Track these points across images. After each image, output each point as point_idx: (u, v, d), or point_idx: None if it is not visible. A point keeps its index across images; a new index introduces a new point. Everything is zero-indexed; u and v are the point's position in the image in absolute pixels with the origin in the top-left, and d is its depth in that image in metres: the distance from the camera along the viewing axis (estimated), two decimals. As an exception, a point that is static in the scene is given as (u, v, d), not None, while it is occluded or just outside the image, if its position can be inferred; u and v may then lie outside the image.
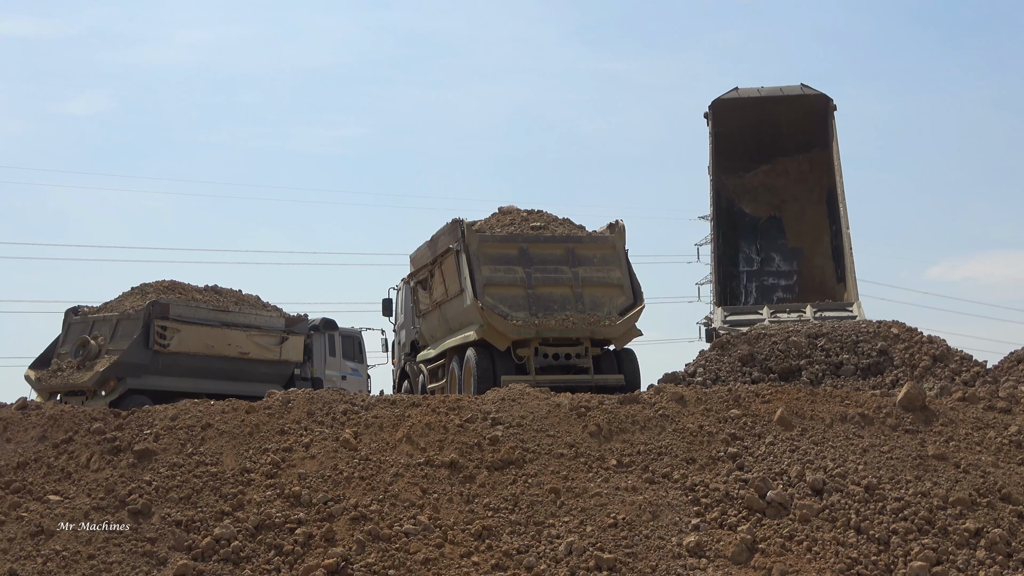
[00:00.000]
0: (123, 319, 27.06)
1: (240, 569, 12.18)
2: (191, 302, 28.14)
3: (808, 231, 30.32)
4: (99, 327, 27.23)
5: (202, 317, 27.96)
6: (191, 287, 29.30)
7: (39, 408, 15.36)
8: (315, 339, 33.32)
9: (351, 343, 36.08)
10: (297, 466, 13.83)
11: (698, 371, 21.07)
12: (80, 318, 27.83)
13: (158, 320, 26.61)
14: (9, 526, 12.67)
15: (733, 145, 30.22)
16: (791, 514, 13.24)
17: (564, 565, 12.29)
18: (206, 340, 27.88)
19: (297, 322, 30.57)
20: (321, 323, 34.48)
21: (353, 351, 36.06)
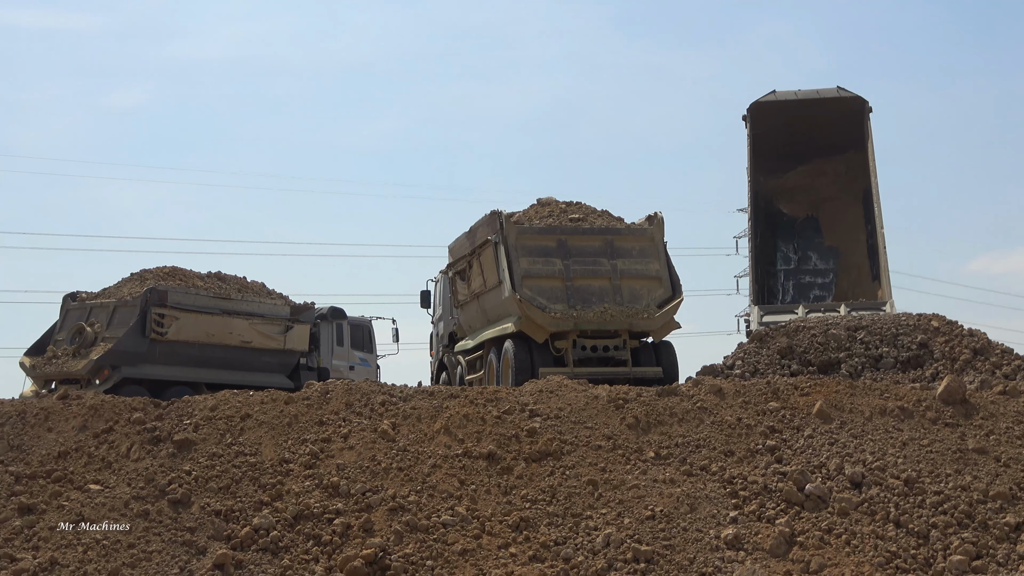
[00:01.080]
0: (120, 306, 26.47)
1: (279, 559, 12.23)
2: (191, 289, 27.50)
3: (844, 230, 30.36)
4: (96, 314, 26.66)
5: (202, 304, 27.28)
6: (192, 273, 28.67)
7: (80, 398, 15.45)
8: (322, 328, 32.67)
9: (360, 332, 35.26)
10: (335, 457, 13.88)
11: (736, 364, 21.00)
12: (78, 304, 27.27)
13: (155, 307, 25.98)
14: (50, 515, 12.76)
15: (771, 146, 30.33)
16: (830, 507, 13.19)
17: (602, 557, 12.29)
18: (206, 328, 27.17)
19: (303, 310, 29.94)
20: (328, 312, 33.69)
21: (362, 341, 35.25)
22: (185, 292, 27.01)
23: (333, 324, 33.58)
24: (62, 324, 27.16)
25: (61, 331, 26.97)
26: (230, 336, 27.61)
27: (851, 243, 30.16)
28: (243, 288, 29.13)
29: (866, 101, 29.58)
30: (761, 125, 30.13)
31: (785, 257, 31.03)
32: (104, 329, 26.04)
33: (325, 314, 33.16)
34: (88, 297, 27.45)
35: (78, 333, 26.17)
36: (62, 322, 27.22)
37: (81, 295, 27.55)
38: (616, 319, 22.09)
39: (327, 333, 33.15)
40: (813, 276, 30.67)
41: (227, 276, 29.41)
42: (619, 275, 22.61)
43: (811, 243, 31.08)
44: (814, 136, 30.39)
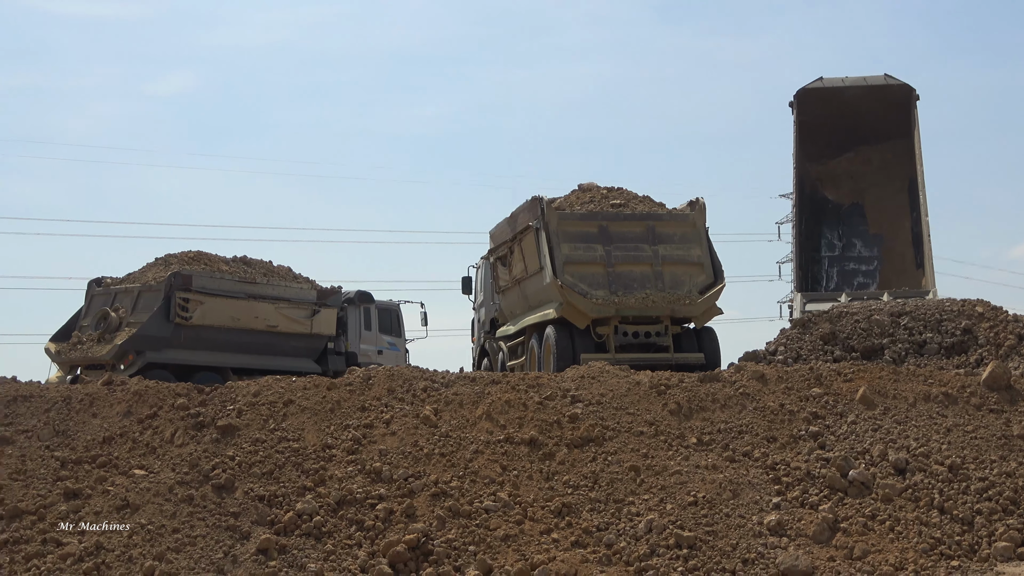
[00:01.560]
0: (144, 291, 26.19)
1: (322, 544, 12.27)
2: (216, 273, 27.15)
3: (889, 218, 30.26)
4: (121, 299, 26.41)
5: (227, 289, 26.92)
6: (217, 258, 28.32)
7: (124, 384, 15.54)
8: (350, 312, 32.24)
9: (388, 316, 34.70)
10: (378, 442, 13.91)
11: (779, 349, 20.94)
12: (103, 289, 27.03)
13: (180, 292, 25.65)
14: (95, 500, 12.84)
15: (817, 133, 30.28)
16: (873, 493, 13.14)
17: (644, 543, 12.27)
18: (231, 313, 26.87)
19: (330, 294, 29.56)
20: (356, 296, 33.27)
21: (390, 325, 34.73)
22: (210, 276, 26.79)
23: (360, 308, 33.21)
24: (87, 310, 27.06)
25: (86, 317, 26.86)
26: (256, 320, 27.35)
27: (895, 230, 30.07)
28: (269, 272, 28.91)
29: (913, 89, 29.51)
30: (808, 112, 30.11)
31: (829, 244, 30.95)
32: (129, 314, 25.88)
33: (352, 298, 32.84)
34: (113, 282, 27.27)
35: (103, 318, 26.00)
36: (87, 308, 27.12)
37: (106, 280, 27.37)
38: (658, 305, 22.05)
39: (355, 317, 32.76)
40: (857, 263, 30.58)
41: (253, 260, 29.16)
42: (661, 261, 22.56)
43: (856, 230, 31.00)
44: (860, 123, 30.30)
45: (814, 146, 30.52)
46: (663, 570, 11.88)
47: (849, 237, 30.93)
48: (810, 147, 30.45)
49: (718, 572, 11.88)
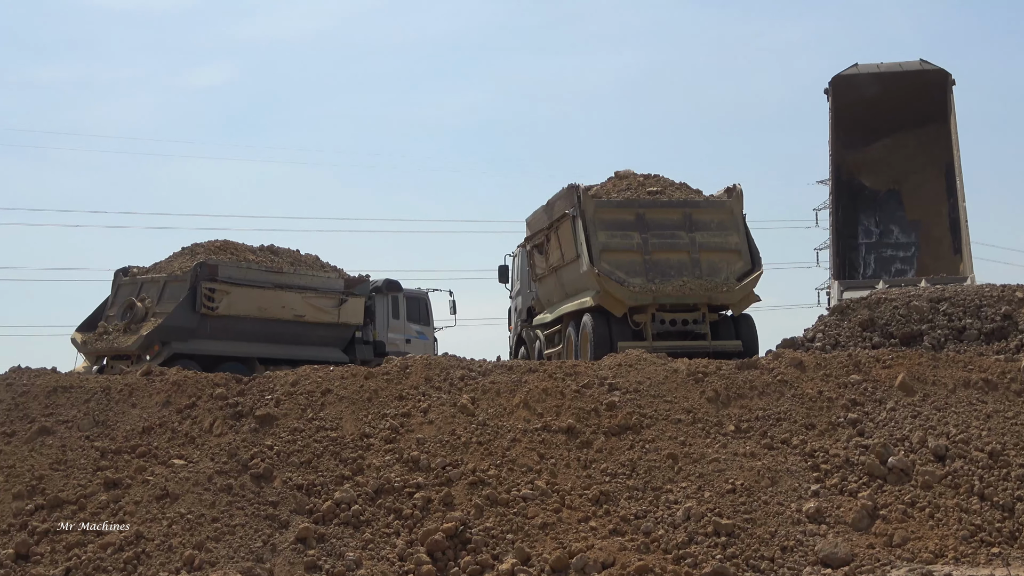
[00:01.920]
0: (170, 281, 25.94)
1: (360, 532, 12.29)
2: (242, 263, 26.92)
3: (926, 204, 30.11)
4: (147, 289, 26.19)
5: (253, 279, 26.68)
6: (244, 247, 28.10)
7: (163, 374, 15.60)
8: (377, 301, 31.94)
9: (416, 305, 34.25)
10: (415, 431, 13.92)
11: (817, 336, 20.83)
12: (129, 279, 26.81)
13: (206, 282, 25.47)
14: (135, 489, 12.91)
15: (853, 120, 30.15)
16: (913, 480, 13.07)
17: (682, 530, 12.24)
18: (258, 302, 26.63)
19: (357, 283, 29.23)
20: (384, 284, 32.84)
21: (419, 313, 34.28)
22: (236, 266, 26.62)
23: (388, 297, 32.85)
24: (113, 300, 26.86)
25: (112, 307, 26.68)
26: (282, 310, 27.11)
27: (933, 216, 29.93)
28: (296, 261, 28.64)
29: (949, 74, 29.36)
30: (843, 98, 29.99)
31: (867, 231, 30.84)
32: (155, 304, 25.68)
33: (380, 287, 32.49)
34: (139, 272, 27.05)
35: (129, 308, 25.83)
36: (113, 297, 26.91)
37: (132, 270, 27.16)
38: (695, 292, 21.99)
39: (382, 306, 32.47)
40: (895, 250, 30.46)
41: (280, 249, 28.92)
42: (698, 248, 22.49)
43: (893, 216, 30.87)
44: (896, 109, 30.16)
45: (850, 133, 30.40)
46: (701, 557, 11.86)
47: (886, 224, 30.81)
48: (846, 134, 30.35)
49: (756, 560, 11.84)
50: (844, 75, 30.08)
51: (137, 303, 25.66)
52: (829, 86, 30.15)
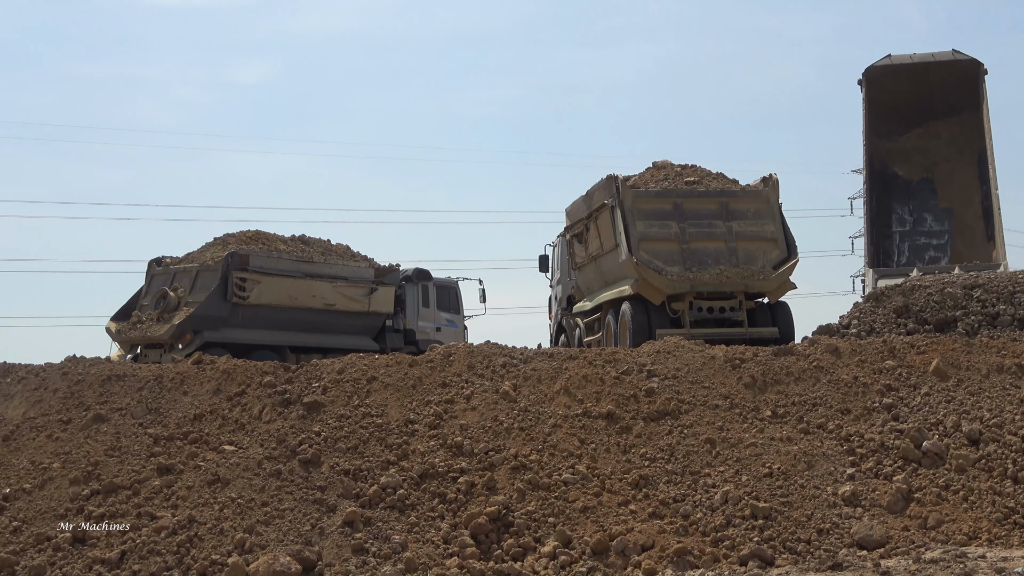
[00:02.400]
0: (202, 270, 25.84)
1: (406, 516, 12.40)
2: (273, 253, 26.82)
3: (959, 192, 29.98)
4: (179, 279, 26.09)
5: (284, 268, 26.59)
6: (276, 237, 28.03)
7: (214, 363, 15.73)
8: (408, 290, 31.72)
9: (446, 293, 33.79)
10: (459, 417, 14.02)
11: (852, 323, 20.79)
12: (162, 269, 26.73)
13: (237, 272, 25.39)
14: (187, 475, 13.05)
15: (886, 110, 30.05)
16: (947, 464, 13.09)
17: (720, 514, 12.31)
18: (289, 292, 26.53)
19: (387, 272, 29.25)
20: (414, 273, 32.57)
21: (449, 302, 33.84)
22: (267, 256, 26.54)
23: (419, 286, 32.54)
24: (147, 289, 26.80)
25: (146, 296, 26.60)
26: (313, 299, 27.07)
27: (965, 204, 29.80)
28: (327, 251, 28.62)
29: (981, 64, 29.23)
30: (877, 89, 29.88)
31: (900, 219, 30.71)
32: (187, 294, 25.62)
33: (410, 276, 32.30)
34: (172, 262, 26.99)
35: (162, 298, 25.73)
36: (147, 287, 26.84)
37: (166, 260, 27.14)
38: (732, 281, 21.99)
39: (413, 295, 32.21)
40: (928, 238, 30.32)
41: (311, 239, 28.88)
42: (734, 237, 22.49)
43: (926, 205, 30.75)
44: (929, 99, 30.04)
45: (883, 123, 30.30)
46: (739, 540, 11.91)
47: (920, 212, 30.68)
48: (879, 124, 30.24)
49: (793, 542, 11.89)
50: (877, 66, 29.97)
51: (170, 293, 25.64)
52: (863, 77, 30.05)
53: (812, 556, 11.61)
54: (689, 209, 22.60)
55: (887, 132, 30.54)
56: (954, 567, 10.50)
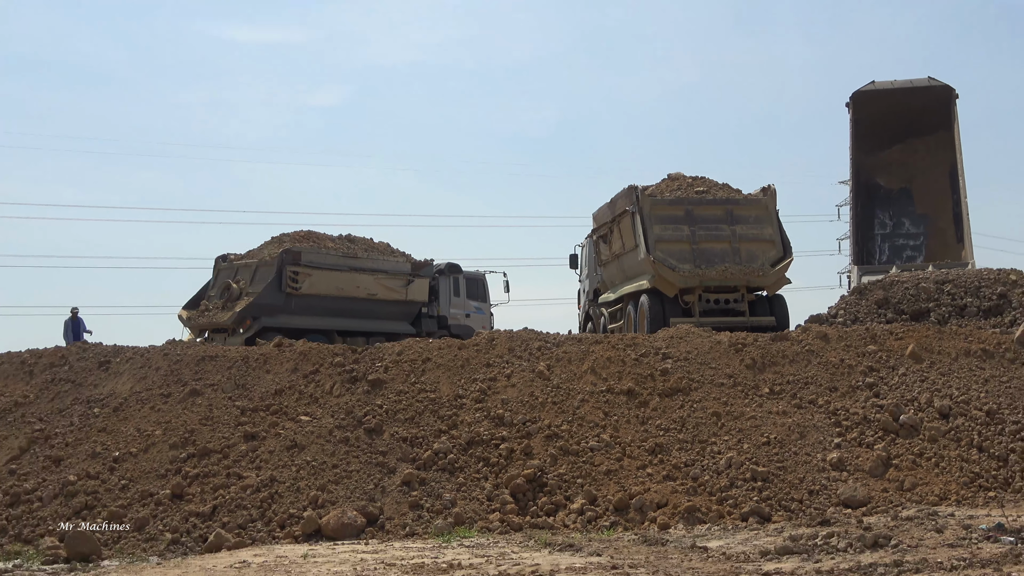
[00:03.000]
0: (261, 265, 25.55)
1: (455, 477, 12.39)
2: (322, 249, 26.43)
3: (933, 199, 29.83)
4: (241, 272, 25.83)
5: (332, 263, 26.18)
6: (325, 236, 27.61)
7: (292, 346, 15.75)
8: (441, 281, 31.04)
9: (475, 284, 33.08)
10: (500, 393, 13.99)
11: (839, 313, 20.70)
12: (227, 264, 26.50)
13: (290, 266, 25.06)
14: (269, 441, 13.07)
15: (870, 128, 29.91)
16: (921, 435, 12.99)
17: (724, 476, 12.25)
18: (336, 283, 26.16)
19: (423, 266, 28.63)
20: (446, 267, 31.84)
21: (477, 292, 33.11)
22: (317, 252, 26.18)
23: (450, 278, 31.85)
24: (214, 282, 26.55)
25: (213, 288, 26.34)
26: (357, 289, 26.64)
27: (939, 210, 29.65)
28: (370, 248, 28.19)
29: (953, 89, 29.05)
30: (862, 110, 29.73)
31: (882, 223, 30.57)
32: (248, 285, 25.34)
33: (443, 269, 31.65)
34: (236, 258, 26.72)
35: (226, 289, 25.48)
36: (214, 280, 26.60)
37: (230, 256, 26.90)
38: (735, 276, 21.99)
39: (445, 286, 31.52)
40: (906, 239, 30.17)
41: (356, 238, 28.47)
42: (738, 239, 22.45)
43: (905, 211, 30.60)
44: (908, 118, 29.87)
45: (868, 140, 30.14)
46: (741, 499, 11.86)
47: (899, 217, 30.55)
48: (864, 140, 30.10)
49: (787, 501, 11.82)
50: (863, 90, 29.81)
51: (232, 284, 25.44)
52: (850, 100, 29.89)
53: (804, 513, 11.55)
54: (699, 215, 22.59)
55: (871, 148, 30.40)
56: (927, 523, 10.40)
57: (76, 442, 13.48)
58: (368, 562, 9.52)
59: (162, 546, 11.23)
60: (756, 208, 22.98)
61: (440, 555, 9.81)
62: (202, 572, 9.34)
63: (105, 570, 10.14)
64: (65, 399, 14.82)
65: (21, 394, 15.20)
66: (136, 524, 11.65)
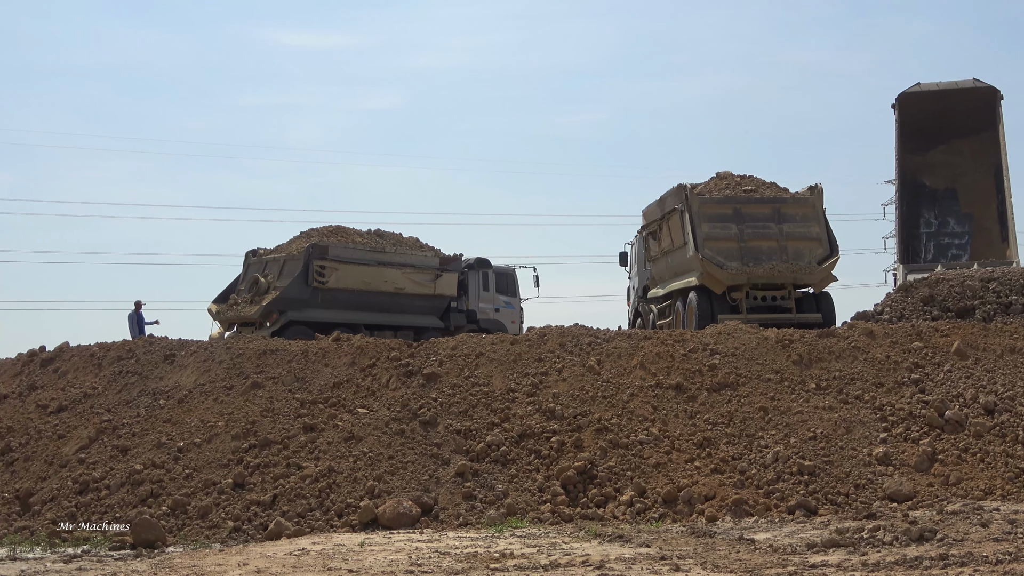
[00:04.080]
0: (289, 259, 25.01)
1: (507, 469, 12.40)
2: (350, 244, 25.84)
3: (978, 199, 29.53)
4: (270, 267, 25.23)
5: (359, 257, 25.60)
6: (353, 231, 27.06)
7: (350, 340, 15.81)
8: (470, 276, 30.15)
9: (504, 279, 31.92)
10: (552, 387, 13.98)
11: (885, 310, 20.48)
12: (256, 259, 25.89)
13: (317, 260, 24.52)
14: (328, 432, 13.14)
15: (916, 129, 29.61)
16: (966, 430, 12.85)
17: (771, 470, 12.18)
18: (363, 277, 25.57)
19: (451, 261, 28.12)
20: (475, 261, 30.83)
21: (507, 286, 31.99)
22: (344, 247, 25.60)
23: (480, 272, 30.79)
24: (244, 276, 26.01)
25: (243, 282, 25.78)
26: (385, 284, 26.09)
27: (984, 210, 29.33)
28: (398, 243, 27.62)
29: (998, 90, 28.67)
30: (908, 112, 29.41)
31: (927, 222, 30.33)
32: (276, 279, 24.81)
33: (472, 264, 30.71)
34: (265, 253, 26.15)
35: (254, 283, 24.90)
36: (244, 274, 26.06)
37: (260, 251, 26.32)
38: (782, 274, 21.86)
39: (474, 280, 30.56)
40: (951, 238, 29.91)
41: (385, 233, 27.95)
42: (785, 237, 22.30)
43: (950, 210, 30.32)
44: (953, 119, 29.54)
45: (913, 140, 29.85)
46: (787, 493, 11.79)
47: (944, 216, 30.29)
48: (910, 141, 29.81)
49: (834, 495, 11.74)
50: (908, 92, 29.49)
51: (260, 278, 24.98)
52: (896, 101, 29.57)
53: (850, 507, 11.46)
54: (746, 213, 22.45)
55: (916, 148, 30.10)
56: (972, 518, 10.29)
57: (142, 432, 13.62)
58: (423, 551, 9.55)
59: (224, 533, 11.33)
60: (803, 206, 22.81)
61: (492, 545, 9.82)
62: (262, 559, 9.41)
63: (169, 556, 10.24)
64: (132, 391, 14.97)
65: (90, 386, 15.38)
66: (200, 512, 11.75)
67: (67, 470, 13.02)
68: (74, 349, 17.14)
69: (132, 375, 15.49)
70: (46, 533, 11.54)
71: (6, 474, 13.34)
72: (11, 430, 14.33)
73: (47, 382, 15.96)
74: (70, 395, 15.15)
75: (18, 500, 12.57)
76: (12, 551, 10.86)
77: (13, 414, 14.86)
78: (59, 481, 12.77)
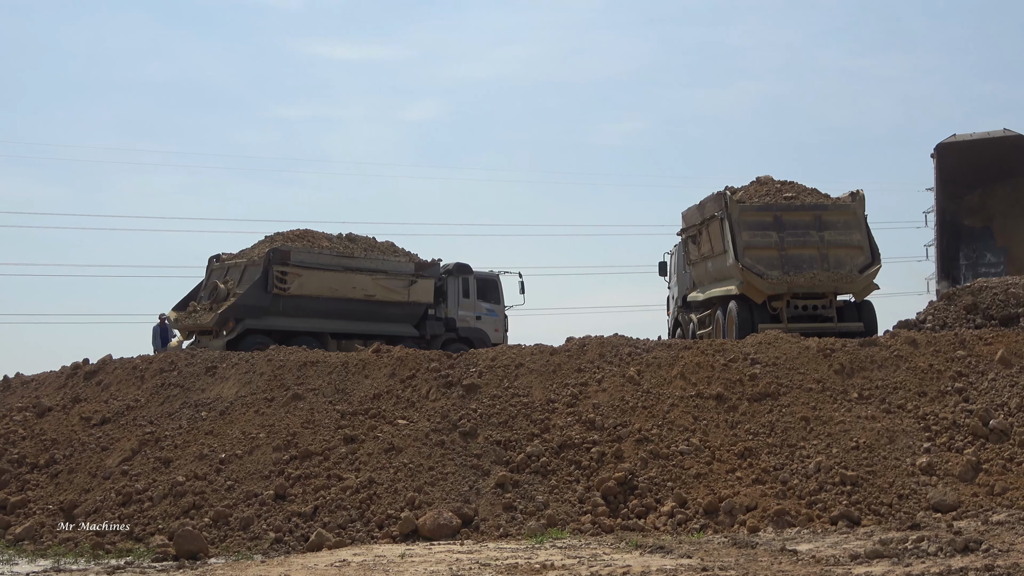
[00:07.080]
0: (249, 265, 24.30)
1: (547, 480, 12.39)
2: (315, 249, 25.09)
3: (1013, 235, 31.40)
4: (231, 272, 24.60)
5: (324, 262, 24.84)
6: (321, 235, 26.32)
7: (390, 351, 15.86)
8: (449, 282, 29.20)
9: (487, 286, 30.68)
10: (592, 398, 13.96)
11: (928, 318, 20.36)
12: (219, 264, 25.23)
13: (277, 265, 23.76)
14: (368, 444, 13.18)
15: (953, 175, 31.65)
16: (1011, 439, 12.72)
17: (814, 480, 12.10)
18: (329, 283, 24.76)
19: (428, 267, 27.29)
20: (454, 267, 29.88)
21: (490, 293, 30.79)
22: (308, 252, 24.87)
23: (459, 278, 29.77)
24: (206, 282, 25.26)
25: (204, 288, 25.06)
26: (353, 290, 25.30)
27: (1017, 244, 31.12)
28: (370, 247, 26.91)
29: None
30: (945, 160, 30.98)
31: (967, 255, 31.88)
32: (235, 286, 24.11)
33: (451, 269, 29.76)
34: (227, 258, 25.47)
35: (214, 289, 24.25)
36: (206, 280, 25.32)
37: (222, 256, 25.64)
38: (824, 283, 21.71)
39: (454, 286, 29.52)
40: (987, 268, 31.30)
41: (357, 237, 27.28)
42: (826, 245, 22.15)
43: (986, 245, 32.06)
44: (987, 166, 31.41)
45: (951, 186, 31.96)
46: (830, 503, 11.71)
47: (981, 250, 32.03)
48: (948, 186, 31.85)
49: (877, 505, 11.66)
50: (945, 143, 31.02)
51: (220, 285, 24.34)
52: (934, 151, 31.05)
53: (894, 517, 11.38)
54: (787, 220, 22.32)
55: (955, 193, 32.30)
56: (1018, 528, 10.18)
57: (184, 444, 13.72)
58: (463, 562, 9.55)
59: (266, 545, 11.38)
60: (844, 214, 22.67)
61: (533, 556, 9.81)
62: (304, 570, 9.45)
63: (212, 567, 10.30)
64: (174, 403, 15.09)
65: (133, 398, 15.51)
66: (242, 523, 11.82)
67: (110, 482, 13.13)
68: (117, 362, 17.30)
69: (174, 387, 15.61)
70: (90, 544, 11.64)
71: (50, 486, 13.47)
72: (55, 442, 14.48)
73: (91, 394, 16.12)
74: (113, 407, 15.29)
75: (62, 512, 12.69)
76: (56, 563, 10.97)
77: (57, 426, 15.01)
78: (102, 493, 12.88)
